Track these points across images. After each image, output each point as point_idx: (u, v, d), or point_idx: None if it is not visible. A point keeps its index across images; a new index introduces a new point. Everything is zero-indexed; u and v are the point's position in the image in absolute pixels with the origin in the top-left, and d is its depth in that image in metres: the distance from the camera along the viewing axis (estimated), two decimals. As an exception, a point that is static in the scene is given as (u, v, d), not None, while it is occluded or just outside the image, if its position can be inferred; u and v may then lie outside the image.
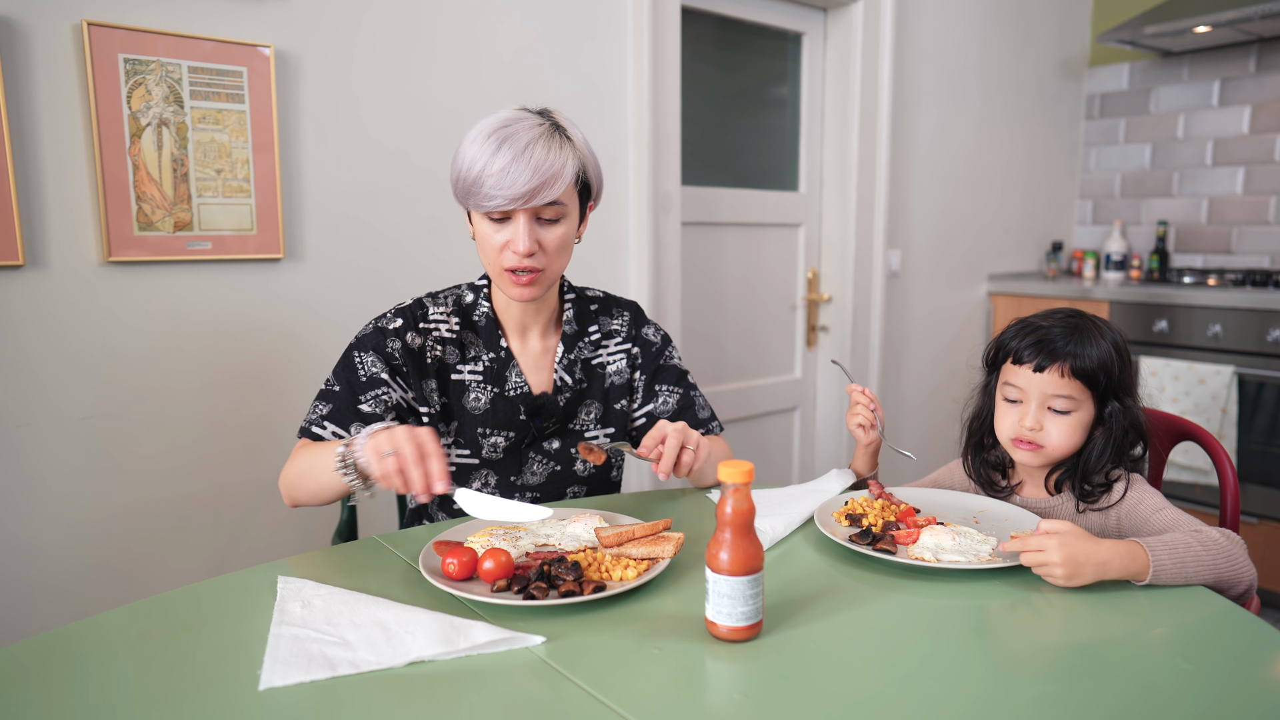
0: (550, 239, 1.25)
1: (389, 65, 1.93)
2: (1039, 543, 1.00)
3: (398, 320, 1.31)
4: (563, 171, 1.21)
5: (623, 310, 1.46)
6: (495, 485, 1.35)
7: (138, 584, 1.72)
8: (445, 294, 1.37)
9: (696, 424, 1.43)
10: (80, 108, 1.58)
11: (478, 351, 1.34)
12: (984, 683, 0.81)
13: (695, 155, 2.66)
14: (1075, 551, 0.99)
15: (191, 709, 0.76)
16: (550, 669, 0.82)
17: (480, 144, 1.21)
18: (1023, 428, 1.22)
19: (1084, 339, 1.20)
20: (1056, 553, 0.99)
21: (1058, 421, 1.21)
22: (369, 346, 1.29)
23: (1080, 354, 1.19)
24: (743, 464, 0.88)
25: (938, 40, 3.13)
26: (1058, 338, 1.20)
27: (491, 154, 1.19)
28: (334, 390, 1.27)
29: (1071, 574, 0.99)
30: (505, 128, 1.21)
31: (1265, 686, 0.82)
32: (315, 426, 1.25)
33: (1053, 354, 1.19)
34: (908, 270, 3.20)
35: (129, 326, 1.67)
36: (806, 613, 0.94)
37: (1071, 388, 1.20)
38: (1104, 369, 1.19)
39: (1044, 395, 1.21)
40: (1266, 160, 3.32)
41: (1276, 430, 2.77)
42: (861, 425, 1.34)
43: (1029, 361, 1.21)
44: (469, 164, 1.21)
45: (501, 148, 1.19)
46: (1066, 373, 1.19)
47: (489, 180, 1.19)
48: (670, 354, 1.46)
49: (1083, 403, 1.21)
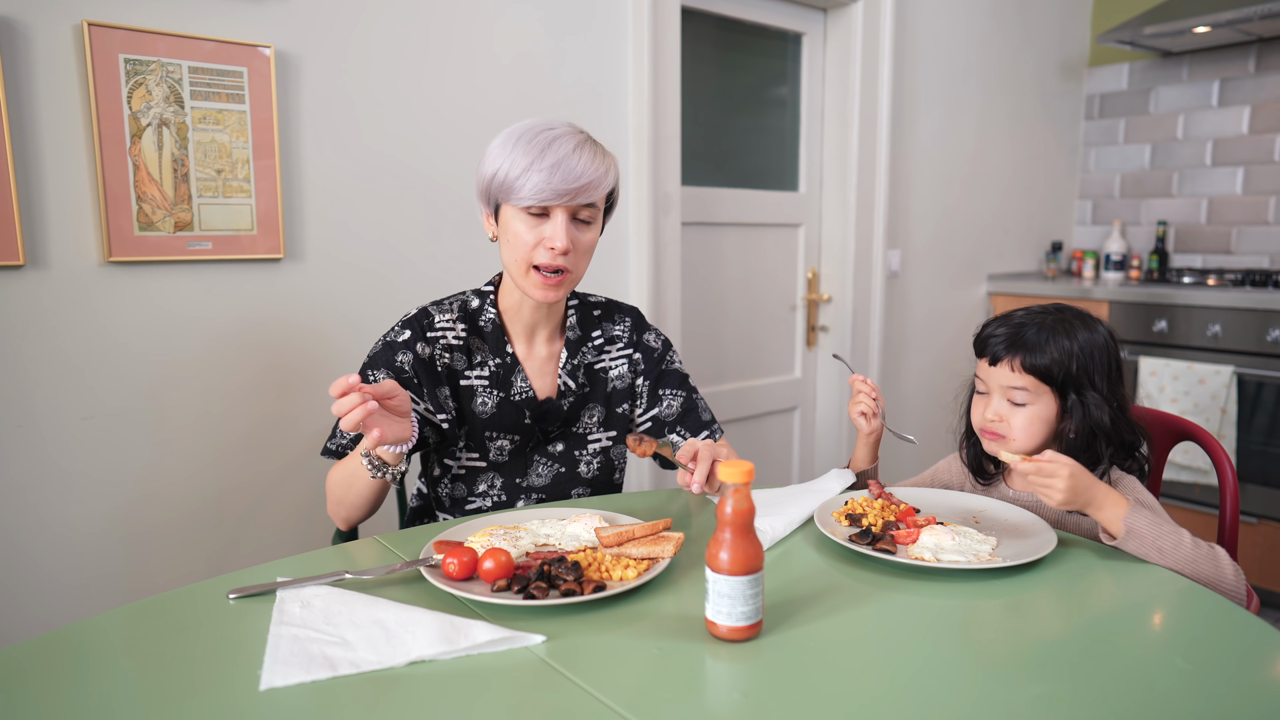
0: (582, 241, 1.28)
1: (389, 65, 1.93)
2: (1052, 468, 1.07)
3: (405, 332, 1.33)
4: (605, 177, 1.26)
5: (624, 316, 1.48)
6: (501, 488, 1.37)
7: (138, 584, 1.72)
8: (450, 301, 1.38)
9: (700, 426, 1.46)
10: (80, 108, 1.58)
11: (484, 356, 1.36)
12: (983, 682, 0.81)
13: (695, 155, 2.66)
14: (1078, 483, 1.08)
15: (191, 709, 0.76)
16: (550, 669, 0.82)
17: (523, 143, 1.24)
18: (986, 419, 1.27)
19: (1049, 334, 1.22)
20: (1065, 481, 1.07)
21: (1016, 413, 1.25)
22: (380, 364, 1.31)
23: (1035, 348, 1.21)
24: (743, 464, 0.88)
25: (938, 40, 3.13)
26: (1023, 332, 1.23)
27: (540, 151, 1.23)
28: None
29: (1068, 500, 1.08)
30: (548, 130, 1.25)
31: (1265, 686, 0.82)
32: (347, 449, 1.30)
33: (1008, 347, 1.23)
34: (908, 270, 3.20)
35: (129, 326, 1.67)
36: (806, 613, 0.94)
37: (1025, 381, 1.23)
38: (1059, 364, 1.21)
39: (1001, 387, 1.25)
40: (1266, 160, 3.32)
41: (1276, 430, 2.77)
42: (864, 413, 1.36)
43: (987, 354, 1.26)
44: (509, 161, 1.24)
45: (551, 146, 1.23)
46: (1017, 366, 1.22)
47: (537, 175, 1.22)
48: (672, 359, 1.48)
49: (1040, 396, 1.23)
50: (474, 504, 1.37)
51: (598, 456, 1.42)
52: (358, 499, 1.25)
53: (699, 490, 1.15)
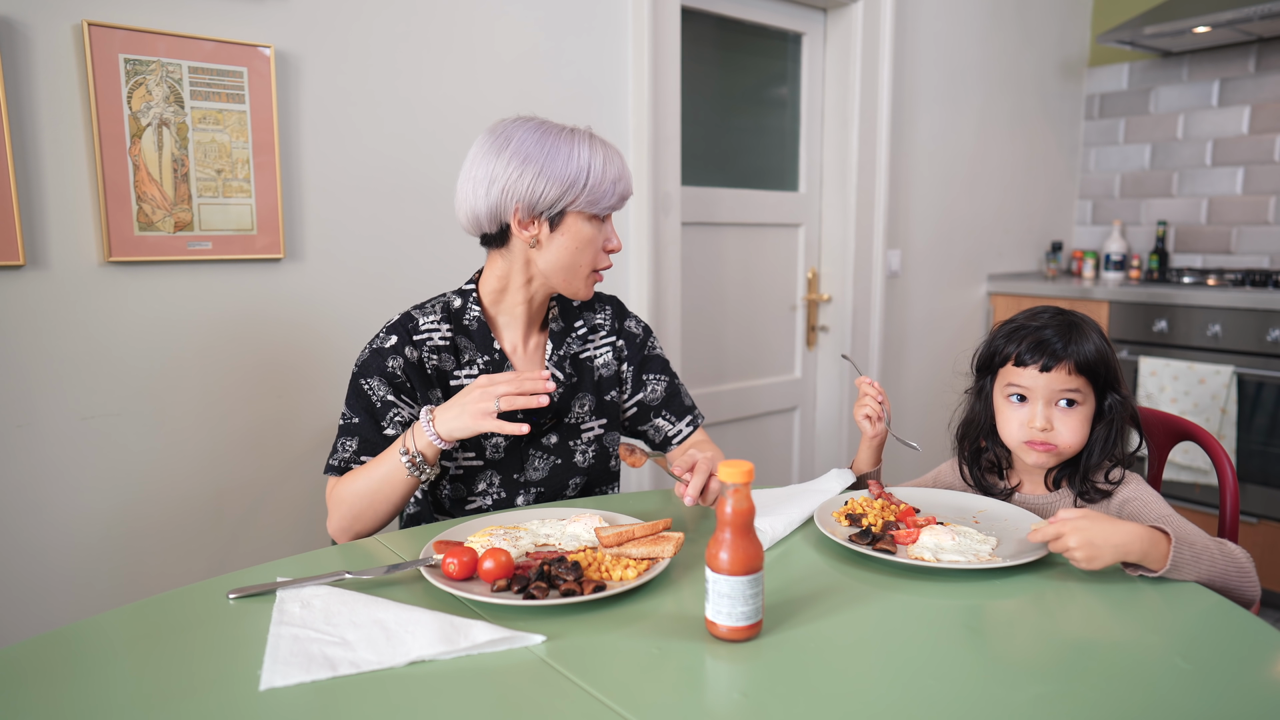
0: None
1: (389, 65, 1.93)
2: (1057, 529, 1.03)
3: (391, 338, 1.33)
4: None
5: (604, 305, 1.50)
6: (500, 484, 1.37)
7: (138, 584, 1.72)
8: (431, 303, 1.39)
9: (683, 411, 1.50)
10: (80, 108, 1.58)
11: (472, 355, 1.36)
12: (983, 682, 0.81)
13: (695, 155, 2.66)
14: (1092, 535, 1.01)
15: (191, 709, 0.76)
16: (550, 669, 0.82)
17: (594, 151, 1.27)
18: (1033, 429, 1.23)
19: (1078, 335, 1.22)
20: (1073, 538, 1.01)
21: (1067, 417, 1.22)
22: (372, 372, 1.31)
23: (1080, 349, 1.21)
24: (743, 464, 0.88)
25: (938, 40, 3.13)
26: (1054, 337, 1.22)
27: (611, 159, 1.28)
28: (354, 423, 1.30)
29: (1090, 556, 1.01)
30: (582, 131, 1.29)
31: (1265, 686, 0.82)
32: (353, 463, 1.29)
33: (1055, 353, 1.21)
34: (908, 270, 3.20)
35: (129, 326, 1.67)
36: (806, 613, 0.94)
37: (1078, 383, 1.22)
38: (1102, 361, 1.22)
39: (1051, 393, 1.22)
40: (1266, 160, 3.32)
41: (1276, 430, 2.77)
42: (869, 417, 1.35)
43: (1034, 363, 1.22)
44: (597, 166, 1.26)
45: (606, 150, 1.28)
46: (1072, 369, 1.21)
47: (625, 183, 1.29)
48: (653, 344, 1.52)
49: (1088, 396, 1.23)
50: (474, 503, 1.37)
51: (592, 445, 1.43)
52: (384, 505, 1.24)
53: (691, 503, 1.15)
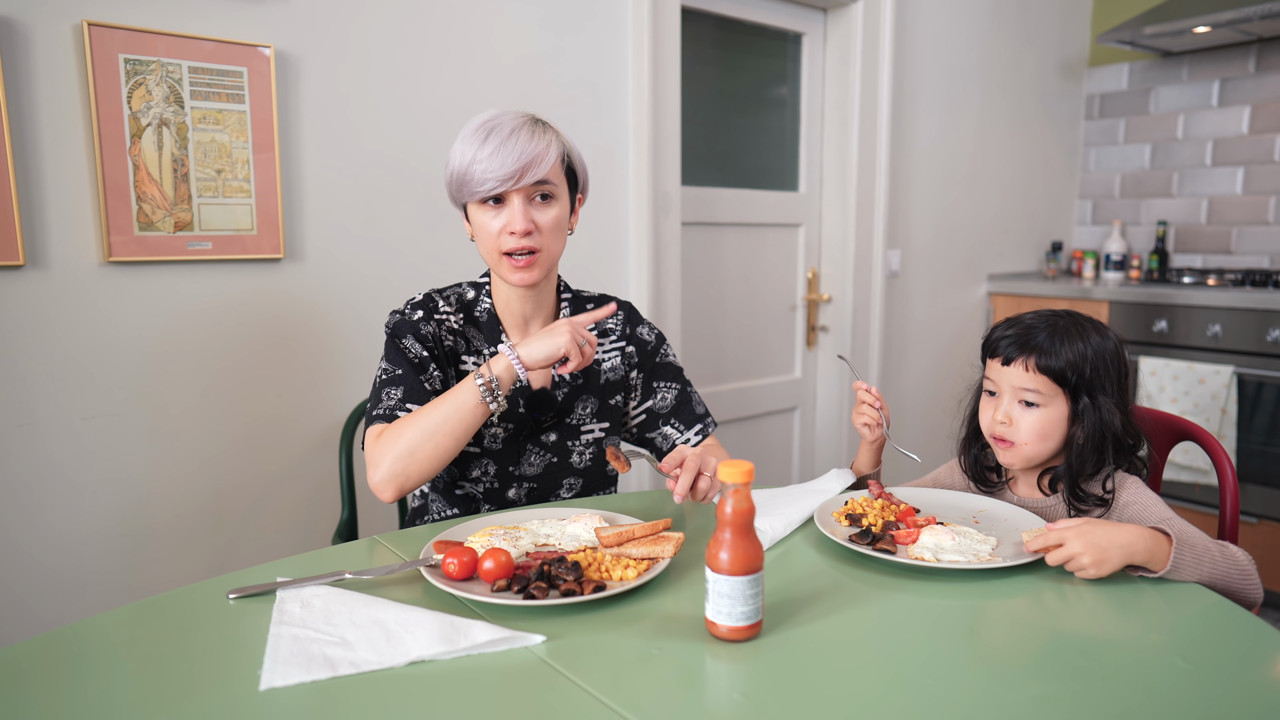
0: (545, 219, 1.30)
1: (389, 64, 1.93)
2: (1058, 537, 1.02)
3: (417, 311, 1.35)
4: (547, 152, 1.28)
5: (617, 310, 1.49)
6: (495, 474, 1.38)
7: (138, 584, 1.72)
8: (448, 291, 1.41)
9: (694, 419, 1.47)
10: (80, 108, 1.58)
11: (480, 346, 1.38)
12: (983, 682, 0.81)
13: (695, 155, 2.66)
14: (1096, 538, 1.00)
15: (191, 709, 0.76)
16: (550, 669, 0.82)
17: (468, 140, 1.28)
18: (995, 421, 1.25)
19: (1062, 337, 1.21)
20: (1077, 543, 1.00)
21: (1025, 415, 1.23)
22: (406, 332, 1.33)
23: (1049, 350, 1.20)
24: (743, 464, 0.88)
25: (938, 40, 3.13)
26: (1035, 334, 1.22)
27: (479, 144, 1.26)
28: (398, 374, 1.30)
29: (1099, 560, 0.99)
30: (489, 121, 1.28)
31: (1265, 686, 0.82)
32: (399, 410, 1.26)
33: (1021, 348, 1.22)
34: (908, 270, 3.20)
35: (129, 326, 1.67)
36: (806, 613, 0.94)
37: (1037, 382, 1.21)
38: (1073, 367, 1.20)
39: (1013, 389, 1.23)
40: (1266, 160, 3.32)
41: (1276, 430, 2.77)
42: (867, 424, 1.35)
43: (1000, 355, 1.24)
44: (459, 159, 1.28)
45: (489, 137, 1.26)
46: (1031, 367, 1.21)
47: (479, 166, 1.25)
48: (665, 352, 1.50)
49: (1052, 399, 1.22)
50: (464, 489, 1.38)
51: (590, 447, 1.43)
52: (448, 439, 1.19)
53: (680, 500, 1.14)
